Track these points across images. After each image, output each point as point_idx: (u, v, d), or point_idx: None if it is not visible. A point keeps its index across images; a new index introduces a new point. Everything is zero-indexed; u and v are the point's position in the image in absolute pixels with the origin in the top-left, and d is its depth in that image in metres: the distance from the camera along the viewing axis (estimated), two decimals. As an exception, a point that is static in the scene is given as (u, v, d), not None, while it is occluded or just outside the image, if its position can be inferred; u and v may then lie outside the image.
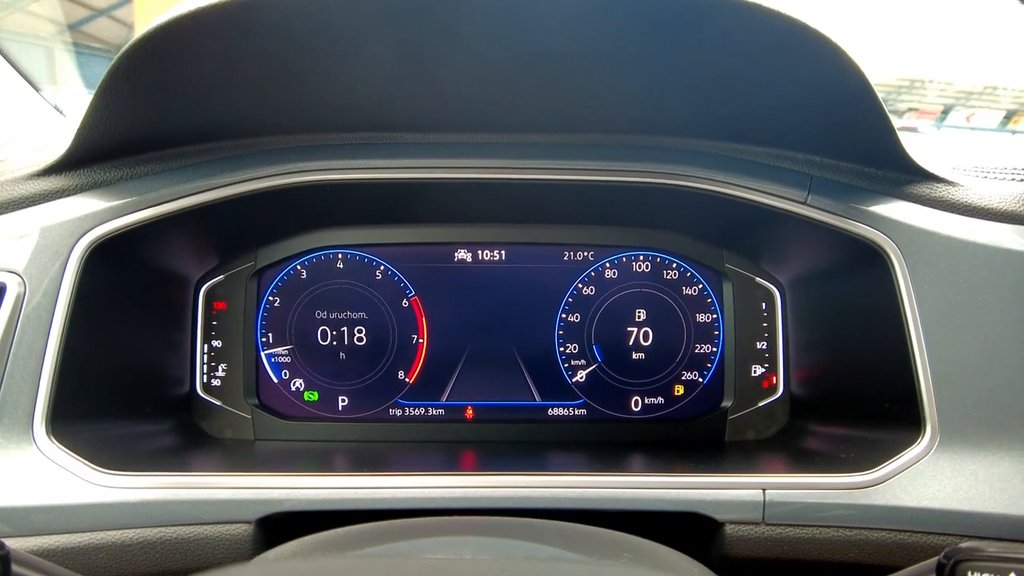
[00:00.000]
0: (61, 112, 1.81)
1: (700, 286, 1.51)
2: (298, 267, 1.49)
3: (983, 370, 1.12)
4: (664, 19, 0.90)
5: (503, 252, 1.51)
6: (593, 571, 0.75)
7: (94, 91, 1.00)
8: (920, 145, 1.20)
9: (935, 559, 0.74)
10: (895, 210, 1.18)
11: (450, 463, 1.32)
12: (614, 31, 0.94)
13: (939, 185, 1.19)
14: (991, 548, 0.72)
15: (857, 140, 1.16)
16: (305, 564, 0.76)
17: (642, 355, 1.50)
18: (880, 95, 1.00)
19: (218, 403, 1.46)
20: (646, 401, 1.51)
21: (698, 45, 0.97)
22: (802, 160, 1.23)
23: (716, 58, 1.00)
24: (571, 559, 0.80)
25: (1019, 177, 1.28)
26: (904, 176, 1.20)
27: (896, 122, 1.07)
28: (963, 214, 1.18)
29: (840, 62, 0.95)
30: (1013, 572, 0.70)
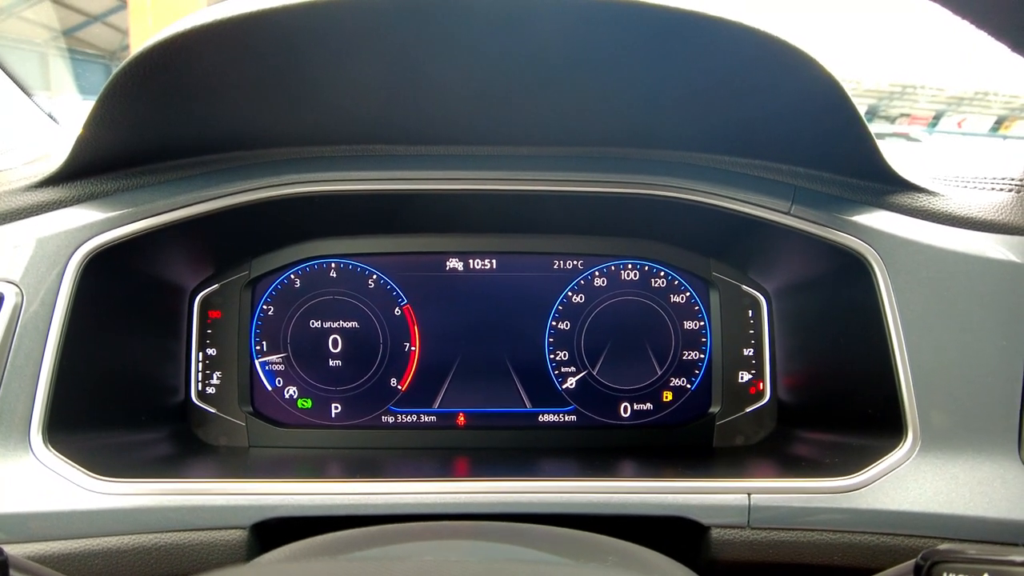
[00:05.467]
0: (55, 119, 1.79)
1: (688, 294, 1.53)
2: (292, 276, 1.51)
3: (963, 376, 1.14)
4: (648, 36, 0.92)
5: (494, 261, 1.53)
6: (577, 574, 0.76)
7: (92, 104, 1.01)
8: (911, 154, 1.21)
9: (913, 561, 0.76)
10: (877, 220, 1.20)
11: (442, 469, 1.33)
12: (602, 47, 0.96)
13: (920, 195, 1.22)
14: (969, 550, 0.74)
15: (838, 151, 1.19)
16: (296, 568, 0.77)
17: (631, 362, 1.52)
18: (871, 102, 1.03)
19: (213, 411, 1.47)
20: (635, 407, 1.53)
21: (682, 61, 0.99)
22: (786, 171, 1.25)
23: (700, 73, 1.02)
24: (556, 562, 0.81)
25: (999, 187, 1.30)
26: (886, 187, 1.23)
27: (888, 127, 1.09)
28: (944, 224, 1.20)
29: (816, 75, 0.97)
30: (987, 573, 0.72)
